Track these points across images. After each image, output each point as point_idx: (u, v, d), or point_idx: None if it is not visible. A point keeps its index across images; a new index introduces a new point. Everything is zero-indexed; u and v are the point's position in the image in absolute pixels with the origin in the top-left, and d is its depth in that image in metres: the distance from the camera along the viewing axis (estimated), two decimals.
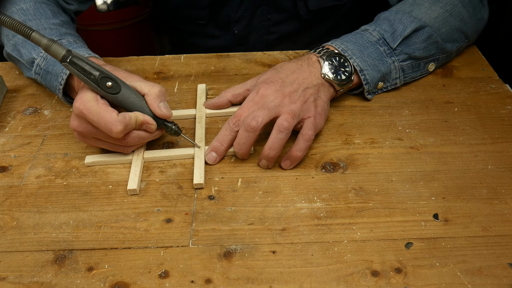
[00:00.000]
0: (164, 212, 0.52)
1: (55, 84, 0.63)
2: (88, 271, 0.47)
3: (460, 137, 0.60)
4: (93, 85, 0.53)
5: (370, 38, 0.64)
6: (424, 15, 0.66)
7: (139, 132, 0.56)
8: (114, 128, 0.52)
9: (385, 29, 0.65)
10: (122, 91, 0.54)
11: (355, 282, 0.45)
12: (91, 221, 0.52)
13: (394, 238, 0.49)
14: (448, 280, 0.45)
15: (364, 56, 0.63)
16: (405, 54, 0.65)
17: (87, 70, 0.52)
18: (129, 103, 0.55)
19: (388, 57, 0.64)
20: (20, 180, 0.57)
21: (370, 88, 0.64)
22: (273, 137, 0.55)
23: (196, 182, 0.54)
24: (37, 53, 0.65)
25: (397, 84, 0.67)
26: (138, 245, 0.49)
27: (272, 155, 0.55)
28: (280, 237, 0.49)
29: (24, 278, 0.46)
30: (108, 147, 0.57)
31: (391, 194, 0.53)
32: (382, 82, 0.65)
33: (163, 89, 0.57)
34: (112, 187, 0.55)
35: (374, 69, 0.63)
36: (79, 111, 0.53)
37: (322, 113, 0.58)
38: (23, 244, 0.50)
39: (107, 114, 0.52)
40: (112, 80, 0.53)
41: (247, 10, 0.85)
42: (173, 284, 0.45)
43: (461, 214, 0.51)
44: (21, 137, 0.63)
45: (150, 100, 0.55)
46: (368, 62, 0.63)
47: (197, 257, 0.48)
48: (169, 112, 0.56)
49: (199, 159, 0.57)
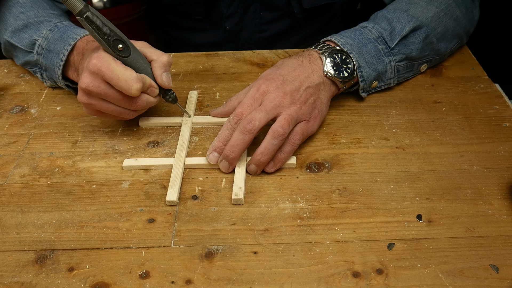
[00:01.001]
0: (147, 212, 0.52)
1: (56, 61, 0.63)
2: (69, 271, 0.47)
3: (447, 137, 0.60)
4: (105, 45, 0.54)
5: (369, 35, 0.64)
6: (421, 14, 0.66)
7: (146, 96, 0.57)
8: (134, 84, 0.53)
9: (384, 27, 0.65)
10: (132, 55, 0.55)
11: (336, 283, 0.45)
12: (73, 221, 0.52)
13: (376, 239, 0.48)
14: (429, 281, 0.44)
15: (362, 53, 0.62)
16: (402, 54, 0.65)
17: (101, 29, 0.53)
18: (136, 68, 0.56)
19: (386, 56, 0.64)
20: (4, 179, 0.57)
21: (365, 86, 0.64)
22: (267, 142, 0.54)
23: (169, 200, 0.52)
24: (38, 35, 0.66)
25: (391, 84, 0.67)
26: (119, 245, 0.49)
27: (263, 160, 0.54)
28: (262, 237, 0.49)
29: (4, 278, 0.46)
30: (113, 112, 0.57)
31: (375, 195, 0.53)
32: (377, 81, 0.65)
33: (171, 59, 0.59)
34: (96, 187, 0.55)
35: (371, 67, 0.63)
36: (97, 68, 0.53)
37: (317, 117, 0.58)
38: (5, 244, 0.50)
39: (127, 71, 0.54)
40: (123, 43, 0.54)
41: (239, 6, 0.85)
42: (153, 285, 0.45)
43: (445, 215, 0.50)
44: (7, 136, 0.63)
45: (155, 68, 0.57)
46: (366, 59, 0.62)
47: (178, 258, 0.47)
48: (170, 82, 0.58)
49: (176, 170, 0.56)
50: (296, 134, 0.55)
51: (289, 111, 0.55)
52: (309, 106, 0.57)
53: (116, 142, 0.61)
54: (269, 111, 0.54)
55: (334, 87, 0.61)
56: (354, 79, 0.62)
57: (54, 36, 0.65)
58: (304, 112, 0.56)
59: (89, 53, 0.57)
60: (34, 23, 0.67)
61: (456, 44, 0.71)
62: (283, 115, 0.54)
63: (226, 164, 0.55)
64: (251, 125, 0.53)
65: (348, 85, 0.62)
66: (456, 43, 0.71)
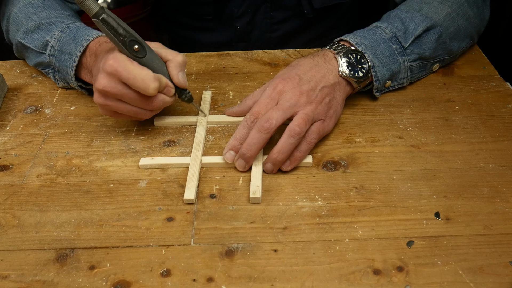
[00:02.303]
0: (165, 210, 0.52)
1: (68, 62, 0.64)
2: (90, 269, 0.47)
3: (461, 135, 0.60)
4: (121, 46, 0.54)
5: (383, 35, 0.64)
6: (434, 14, 0.66)
7: (163, 96, 0.57)
8: (152, 84, 0.54)
9: (397, 27, 0.65)
10: (148, 56, 0.55)
11: (357, 280, 0.45)
12: (92, 220, 0.52)
13: (395, 236, 0.49)
14: (450, 278, 0.45)
15: (377, 52, 0.62)
16: (416, 54, 0.65)
17: (117, 31, 0.53)
18: (152, 68, 0.56)
19: (399, 56, 0.64)
20: (22, 179, 0.57)
21: (379, 85, 0.64)
22: (284, 141, 0.54)
23: (187, 198, 0.53)
24: (50, 36, 0.66)
25: (403, 84, 0.67)
26: (139, 244, 0.49)
27: (280, 159, 0.54)
28: (281, 235, 0.49)
29: (26, 276, 0.46)
30: (130, 112, 0.57)
31: (392, 193, 0.53)
32: (390, 80, 0.65)
33: (186, 59, 0.59)
34: (113, 186, 0.55)
35: (385, 67, 0.63)
36: (113, 69, 0.53)
37: (333, 116, 0.58)
38: (25, 243, 0.50)
39: (144, 71, 0.54)
40: (139, 43, 0.54)
41: (250, 6, 0.85)
42: (175, 283, 0.45)
43: (463, 213, 0.51)
44: (22, 136, 0.63)
45: (171, 68, 0.57)
46: (381, 59, 0.63)
47: (198, 256, 0.48)
48: (185, 82, 0.59)
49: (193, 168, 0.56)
50: (313, 133, 0.56)
51: (305, 111, 0.55)
52: (325, 105, 0.57)
53: (132, 142, 0.61)
54: (286, 110, 0.55)
55: (349, 87, 0.61)
56: (369, 79, 0.62)
57: (66, 38, 0.65)
58: (320, 112, 0.56)
59: (103, 54, 0.57)
60: (46, 24, 0.67)
61: (468, 44, 0.71)
62: (300, 114, 0.55)
63: (242, 163, 0.55)
64: (268, 124, 0.54)
65: (363, 85, 0.62)
66: (468, 43, 0.71)
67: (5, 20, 0.72)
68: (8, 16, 0.71)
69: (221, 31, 0.90)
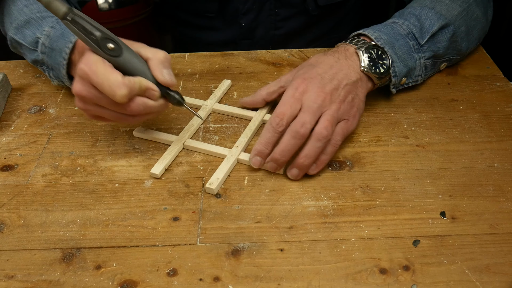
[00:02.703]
0: (171, 210, 0.52)
1: (59, 60, 0.60)
2: (96, 269, 0.47)
3: (466, 135, 0.60)
4: (93, 46, 0.51)
5: (400, 31, 0.63)
6: (446, 12, 0.66)
7: (143, 99, 0.52)
8: (118, 90, 0.49)
9: (414, 23, 0.64)
10: (124, 55, 0.51)
11: (363, 279, 0.45)
12: (98, 220, 0.52)
13: (401, 235, 0.49)
14: (456, 277, 0.45)
15: (395, 48, 0.62)
16: (431, 51, 0.65)
17: (88, 30, 0.50)
18: (130, 68, 0.52)
19: (416, 52, 0.63)
20: (27, 178, 0.57)
21: (397, 82, 0.63)
22: (311, 145, 0.53)
23: (152, 172, 0.55)
24: (40, 32, 0.62)
25: (418, 82, 0.67)
26: (145, 243, 0.49)
27: (307, 163, 0.53)
28: (287, 235, 0.49)
29: (32, 276, 0.46)
30: (111, 117, 0.54)
31: (397, 192, 0.53)
32: (406, 77, 0.64)
33: (168, 55, 0.54)
34: (118, 186, 0.55)
35: (403, 63, 0.62)
36: (83, 73, 0.50)
37: (356, 115, 0.57)
38: (31, 243, 0.50)
39: (112, 76, 0.49)
40: (114, 42, 0.51)
41: (255, 3, 0.85)
42: (181, 282, 0.45)
43: (468, 212, 0.51)
44: (27, 136, 0.63)
45: (153, 66, 0.52)
46: (398, 55, 0.62)
47: (205, 255, 0.48)
48: (172, 79, 0.53)
49: None
50: (338, 135, 0.54)
51: (330, 112, 0.54)
52: (348, 104, 0.56)
53: (136, 141, 0.61)
54: (315, 112, 0.53)
55: (370, 83, 0.60)
56: (389, 75, 0.61)
57: (55, 34, 0.61)
58: (344, 111, 0.55)
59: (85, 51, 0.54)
60: (36, 19, 0.64)
61: (476, 45, 0.72)
62: (326, 116, 0.53)
63: (274, 166, 0.54)
64: (304, 129, 0.52)
65: (384, 81, 0.62)
66: (475, 44, 0.71)
67: (0, 12, 0.69)
68: (3, 8, 0.68)
69: (224, 29, 0.90)
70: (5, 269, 0.47)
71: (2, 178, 0.57)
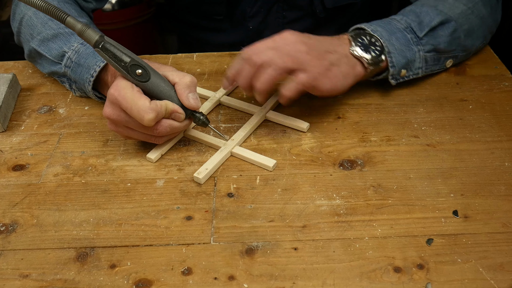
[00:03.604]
0: (184, 209, 0.52)
1: (85, 76, 0.63)
2: (110, 268, 0.47)
3: (476, 134, 0.60)
4: (123, 72, 0.53)
5: (398, 26, 0.65)
6: (449, 10, 0.67)
7: (169, 121, 0.55)
8: (146, 115, 0.52)
9: (412, 19, 0.66)
10: (152, 79, 0.54)
11: (378, 278, 0.45)
12: (111, 219, 0.52)
13: (414, 234, 0.49)
14: (470, 276, 0.45)
15: (392, 39, 0.63)
16: (431, 45, 0.65)
17: (118, 57, 0.53)
18: (158, 92, 0.55)
19: (415, 45, 0.64)
20: (38, 178, 0.57)
21: (395, 72, 0.64)
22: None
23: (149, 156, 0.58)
24: (68, 47, 0.65)
25: (419, 74, 0.67)
26: (159, 243, 0.49)
27: None
28: (301, 234, 0.49)
29: (47, 275, 0.47)
30: (140, 137, 0.57)
31: (409, 191, 0.53)
32: (405, 70, 0.65)
33: (195, 79, 0.56)
34: (130, 185, 0.55)
35: (401, 54, 0.63)
36: (114, 98, 0.53)
37: (329, 75, 0.57)
38: (44, 242, 0.50)
39: (140, 101, 0.52)
40: (142, 68, 0.54)
41: (263, 6, 0.85)
42: (196, 281, 0.45)
43: (481, 211, 0.51)
44: (37, 136, 0.63)
45: (179, 90, 0.55)
46: (396, 46, 0.63)
47: (219, 254, 0.48)
48: (197, 103, 0.56)
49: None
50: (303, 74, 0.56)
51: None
52: (323, 62, 0.57)
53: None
54: None
55: (359, 68, 0.61)
56: (383, 62, 0.62)
57: (86, 51, 0.64)
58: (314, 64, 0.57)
59: (116, 77, 0.57)
60: (64, 34, 0.66)
61: (481, 43, 0.72)
62: None
63: None
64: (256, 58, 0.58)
65: (376, 68, 0.62)
66: (481, 42, 0.72)
67: (17, 21, 0.71)
68: (20, 19, 0.70)
69: (232, 31, 0.90)
70: (20, 268, 0.47)
71: (13, 177, 0.57)
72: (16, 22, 0.71)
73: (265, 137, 0.61)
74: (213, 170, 0.56)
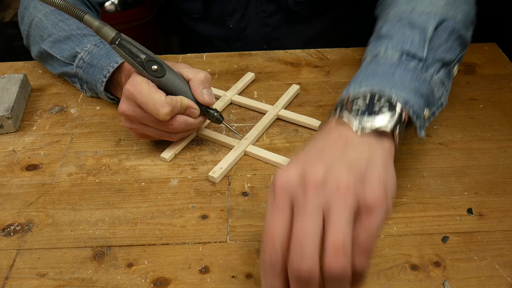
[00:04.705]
0: (199, 208, 0.53)
1: (98, 77, 0.63)
2: (128, 267, 0.47)
3: (488, 133, 0.61)
4: (139, 68, 0.54)
5: (389, 61, 0.49)
6: (432, 7, 0.53)
7: (184, 117, 0.55)
8: (161, 109, 0.52)
9: (398, 39, 0.50)
10: (167, 75, 0.55)
11: (395, 276, 0.45)
12: (126, 218, 0.52)
13: (430, 232, 0.49)
14: (487, 273, 0.45)
15: (397, 85, 0.46)
16: (438, 61, 0.50)
17: (134, 53, 0.53)
18: (173, 88, 0.55)
19: (424, 72, 0.49)
20: (52, 178, 0.57)
21: (421, 122, 0.47)
22: None
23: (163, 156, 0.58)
24: (81, 48, 0.65)
25: (443, 105, 0.52)
26: (175, 241, 0.49)
27: None
28: None
29: (64, 274, 0.47)
30: (155, 134, 0.57)
31: (423, 190, 0.54)
32: (427, 107, 0.48)
33: (209, 76, 0.57)
34: (145, 185, 0.56)
35: (417, 95, 0.46)
36: (129, 93, 0.53)
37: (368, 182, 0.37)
38: (61, 241, 0.50)
39: (156, 95, 0.52)
40: (158, 63, 0.54)
41: (239, 3, 0.85)
42: (214, 279, 0.46)
43: (495, 209, 0.51)
44: (50, 136, 0.63)
45: (194, 86, 0.55)
46: (407, 88, 0.46)
47: (236, 253, 0.48)
48: (211, 99, 0.56)
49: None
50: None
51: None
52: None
53: (160, 140, 0.61)
54: None
55: (386, 142, 0.42)
56: (402, 113, 0.44)
57: (99, 52, 0.64)
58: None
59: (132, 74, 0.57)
60: (76, 36, 0.66)
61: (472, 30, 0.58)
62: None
63: None
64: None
65: (399, 125, 0.43)
66: (472, 30, 0.58)
67: (27, 24, 0.71)
68: (30, 21, 0.70)
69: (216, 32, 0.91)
70: (37, 268, 0.47)
71: (27, 177, 0.57)
72: (26, 25, 0.71)
73: (278, 136, 0.62)
74: (227, 169, 0.56)
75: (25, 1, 0.72)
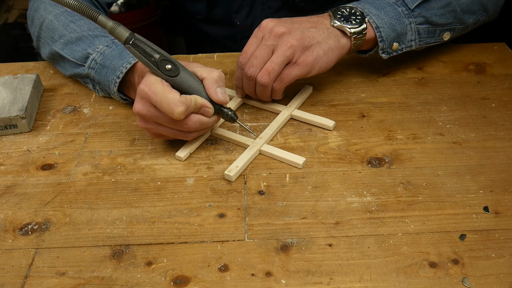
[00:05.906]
0: (216, 207, 0.53)
1: (111, 77, 0.63)
2: (147, 265, 0.47)
3: (501, 132, 0.61)
4: (153, 68, 0.54)
5: (388, 1, 0.66)
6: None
7: (199, 116, 0.55)
8: (176, 108, 0.52)
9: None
10: (181, 74, 0.55)
11: (414, 273, 0.45)
12: (144, 217, 0.52)
13: (447, 230, 0.49)
14: (505, 270, 0.45)
15: (381, 14, 0.64)
16: (423, 17, 0.65)
17: (148, 53, 0.54)
18: (187, 87, 0.55)
19: (406, 17, 0.65)
20: (68, 177, 0.57)
21: (385, 46, 0.65)
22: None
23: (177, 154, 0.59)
24: (93, 49, 0.65)
25: (412, 47, 0.68)
26: (194, 240, 0.49)
27: None
28: (334, 230, 0.50)
29: (84, 273, 0.47)
30: (169, 134, 0.57)
31: (439, 188, 0.54)
32: (397, 43, 0.66)
33: (223, 74, 0.57)
34: (161, 184, 0.56)
35: (390, 28, 0.64)
36: (144, 93, 0.53)
37: (312, 50, 0.61)
38: (79, 240, 0.50)
39: (170, 94, 0.52)
40: (172, 63, 0.54)
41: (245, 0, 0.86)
42: (234, 277, 0.46)
43: (511, 207, 0.51)
44: (64, 135, 0.63)
45: (207, 85, 0.56)
46: (385, 20, 0.64)
47: (254, 251, 0.48)
48: (225, 97, 0.56)
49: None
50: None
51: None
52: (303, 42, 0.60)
53: (174, 140, 0.61)
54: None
55: (345, 39, 0.63)
56: (366, 29, 0.63)
57: (112, 53, 0.64)
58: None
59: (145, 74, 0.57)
60: (88, 37, 0.66)
61: (481, 16, 0.71)
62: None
63: None
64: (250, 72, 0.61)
65: (360, 40, 0.63)
66: (481, 15, 0.70)
67: (37, 26, 0.71)
68: (41, 23, 0.70)
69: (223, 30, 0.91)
70: (56, 266, 0.47)
71: (43, 177, 0.57)
72: (36, 27, 0.71)
73: (292, 136, 0.62)
74: (243, 168, 0.56)
75: (35, 3, 0.72)
